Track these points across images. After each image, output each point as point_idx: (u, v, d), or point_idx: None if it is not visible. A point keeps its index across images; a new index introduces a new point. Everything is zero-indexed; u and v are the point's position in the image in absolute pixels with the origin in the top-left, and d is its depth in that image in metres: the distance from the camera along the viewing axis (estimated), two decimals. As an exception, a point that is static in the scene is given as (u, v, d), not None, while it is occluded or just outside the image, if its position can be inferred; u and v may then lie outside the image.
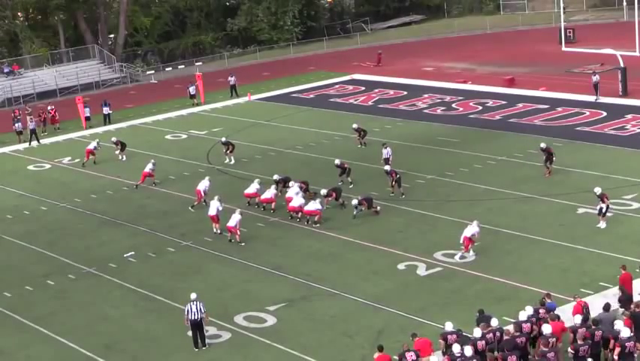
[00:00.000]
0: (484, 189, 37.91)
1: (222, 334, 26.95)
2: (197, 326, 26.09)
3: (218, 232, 35.16)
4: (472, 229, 30.70)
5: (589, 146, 43.11)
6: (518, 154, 42.03)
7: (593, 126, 46.45)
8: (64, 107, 60.98)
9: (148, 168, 42.48)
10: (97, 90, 71.05)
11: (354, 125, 46.01)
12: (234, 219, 34.03)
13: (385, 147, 41.28)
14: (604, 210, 32.31)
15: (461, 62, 67.72)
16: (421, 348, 22.44)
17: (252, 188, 38.23)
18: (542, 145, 39.21)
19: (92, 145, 48.58)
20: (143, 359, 26.13)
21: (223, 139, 46.48)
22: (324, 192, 36.81)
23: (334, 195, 36.88)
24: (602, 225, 32.40)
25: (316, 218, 35.32)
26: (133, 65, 77.97)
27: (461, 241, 30.79)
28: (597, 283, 27.66)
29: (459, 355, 21.43)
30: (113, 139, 49.44)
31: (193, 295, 26.39)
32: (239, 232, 33.93)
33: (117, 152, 48.57)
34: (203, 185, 38.64)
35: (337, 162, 40.08)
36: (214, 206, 35.36)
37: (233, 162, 45.16)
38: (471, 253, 30.78)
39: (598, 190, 32.81)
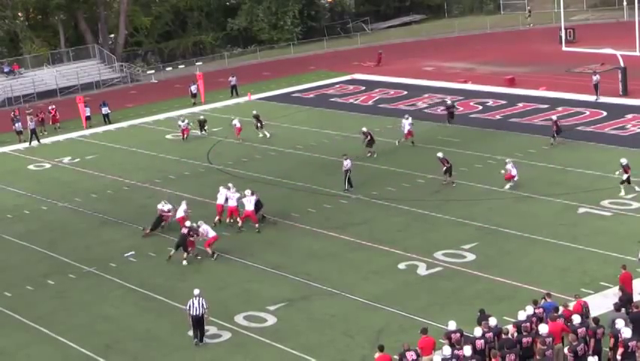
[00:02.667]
0: (484, 189, 37.91)
1: (222, 333, 26.94)
2: (199, 322, 26.30)
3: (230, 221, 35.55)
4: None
5: (589, 145, 43.11)
6: (519, 154, 42.00)
7: (594, 126, 46.46)
8: (65, 107, 60.97)
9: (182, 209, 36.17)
10: (97, 90, 71.06)
11: (364, 129, 45.62)
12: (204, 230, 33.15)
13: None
14: (625, 180, 35.33)
15: (461, 62, 67.71)
16: (424, 347, 22.43)
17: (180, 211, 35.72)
18: (364, 129, 43.78)
19: (184, 123, 49.37)
20: (144, 358, 26.13)
21: (254, 112, 49.33)
22: (248, 192, 35.90)
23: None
24: (631, 190, 35.26)
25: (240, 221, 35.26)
26: (133, 64, 77.98)
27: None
28: (597, 282, 27.66)
29: (448, 357, 21.44)
30: (254, 112, 50.59)
31: (196, 291, 26.58)
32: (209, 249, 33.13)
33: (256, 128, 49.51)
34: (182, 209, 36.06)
35: (364, 129, 43.76)
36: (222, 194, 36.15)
37: (269, 135, 48.43)
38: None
39: (624, 161, 35.63)
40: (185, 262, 32.38)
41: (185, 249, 32.61)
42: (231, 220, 36.05)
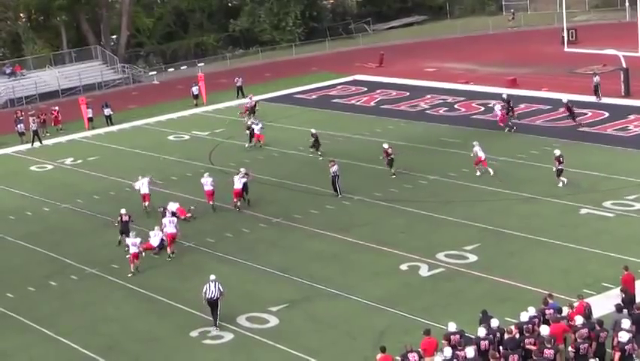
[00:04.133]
0: (486, 190, 37.88)
1: (225, 335, 26.95)
2: (214, 304, 27.15)
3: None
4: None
5: (591, 146, 43.08)
6: (521, 155, 42.00)
7: (596, 127, 46.41)
8: (66, 108, 61.00)
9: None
10: (99, 91, 71.08)
11: (312, 131, 45.35)
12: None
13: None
14: (561, 170, 37.27)
15: (463, 63, 67.68)
16: (426, 348, 22.42)
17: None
18: (312, 130, 44.17)
19: (258, 127, 48.35)
20: (145, 359, 26.16)
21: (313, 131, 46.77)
22: (242, 170, 38.47)
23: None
24: (564, 181, 36.98)
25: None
26: (135, 65, 77.99)
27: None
28: (600, 283, 27.63)
29: (449, 358, 21.45)
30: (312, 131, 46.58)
31: (212, 276, 27.46)
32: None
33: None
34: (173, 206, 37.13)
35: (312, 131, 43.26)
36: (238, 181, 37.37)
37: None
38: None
39: (557, 152, 37.55)
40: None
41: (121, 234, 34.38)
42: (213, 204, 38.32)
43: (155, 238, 34.07)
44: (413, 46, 79.23)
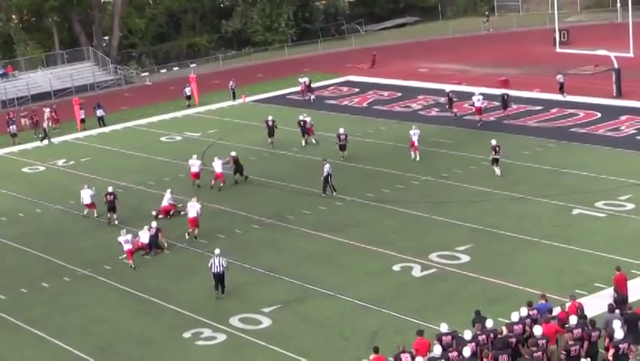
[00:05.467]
0: (478, 190, 37.95)
1: (217, 336, 26.94)
2: (220, 278, 29.24)
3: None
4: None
5: (583, 147, 43.17)
6: (513, 155, 42.06)
7: (588, 127, 46.52)
8: (58, 110, 60.86)
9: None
10: (91, 92, 71.01)
11: (232, 154, 43.98)
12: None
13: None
14: (497, 159, 39.09)
15: (456, 64, 67.77)
16: (419, 348, 22.44)
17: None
18: (232, 153, 42.59)
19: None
20: (138, 360, 26.11)
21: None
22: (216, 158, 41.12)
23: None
24: (498, 171, 38.86)
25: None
26: (127, 66, 77.95)
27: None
28: (592, 283, 27.70)
29: (437, 357, 21.50)
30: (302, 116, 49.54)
31: (217, 251, 29.55)
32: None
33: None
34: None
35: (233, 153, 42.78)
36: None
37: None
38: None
39: (494, 142, 39.29)
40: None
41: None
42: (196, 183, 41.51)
43: (144, 235, 34.33)
44: (405, 47, 79.31)
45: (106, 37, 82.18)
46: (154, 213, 37.81)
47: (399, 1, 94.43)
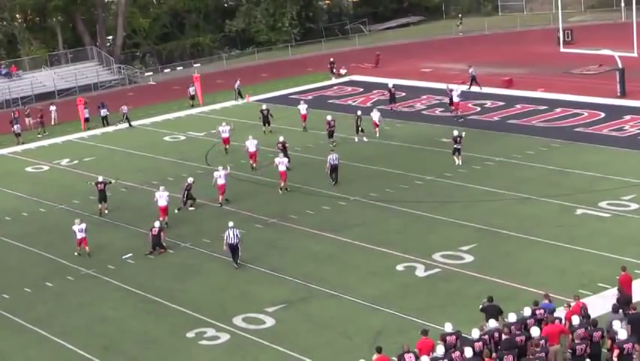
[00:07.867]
0: (482, 190, 37.91)
1: (221, 335, 26.94)
2: (234, 249, 31.41)
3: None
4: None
5: (587, 147, 43.11)
6: (517, 155, 42.04)
7: (592, 127, 46.46)
8: (62, 109, 60.95)
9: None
10: (95, 92, 71.05)
11: (328, 118, 47.75)
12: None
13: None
14: (458, 149, 41.04)
15: (459, 63, 67.66)
16: (422, 348, 22.42)
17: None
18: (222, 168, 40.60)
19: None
20: (142, 360, 26.11)
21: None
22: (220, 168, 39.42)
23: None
24: (458, 161, 40.88)
25: None
26: (131, 66, 78.00)
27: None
28: (596, 284, 27.66)
29: (440, 357, 21.48)
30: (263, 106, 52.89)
31: (231, 223, 31.61)
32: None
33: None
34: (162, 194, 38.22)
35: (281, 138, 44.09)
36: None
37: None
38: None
39: (455, 132, 41.44)
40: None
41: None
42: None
43: (161, 199, 36.80)
44: (409, 46, 79.28)
45: (110, 37, 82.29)
46: (176, 210, 38.22)
47: (402, 0, 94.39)
